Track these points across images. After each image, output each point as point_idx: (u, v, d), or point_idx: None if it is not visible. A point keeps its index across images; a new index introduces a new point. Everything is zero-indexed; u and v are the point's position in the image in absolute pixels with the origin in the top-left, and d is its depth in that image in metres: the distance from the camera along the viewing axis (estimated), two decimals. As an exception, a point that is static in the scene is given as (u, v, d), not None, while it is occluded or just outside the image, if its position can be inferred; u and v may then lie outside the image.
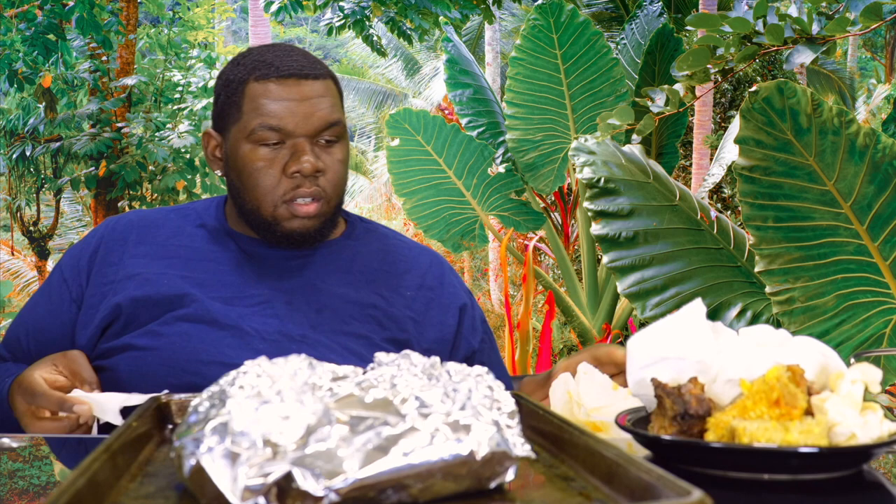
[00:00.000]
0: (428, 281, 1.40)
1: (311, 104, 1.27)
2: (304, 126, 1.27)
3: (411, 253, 1.44)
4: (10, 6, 5.86)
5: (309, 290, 1.31)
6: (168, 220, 1.38)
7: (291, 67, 1.29)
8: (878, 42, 14.40)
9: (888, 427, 0.73)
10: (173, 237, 1.35)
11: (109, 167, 7.59)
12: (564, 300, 5.69)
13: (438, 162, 5.77)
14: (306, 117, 1.27)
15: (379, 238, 1.43)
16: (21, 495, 0.75)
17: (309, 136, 1.27)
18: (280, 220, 1.29)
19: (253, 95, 1.28)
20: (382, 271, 1.38)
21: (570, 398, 1.00)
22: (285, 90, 1.27)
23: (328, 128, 1.28)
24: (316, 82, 1.29)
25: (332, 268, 1.35)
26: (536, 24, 5.35)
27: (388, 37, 11.37)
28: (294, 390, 0.63)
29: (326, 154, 1.29)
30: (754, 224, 2.32)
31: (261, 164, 1.27)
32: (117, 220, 1.40)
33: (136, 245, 1.33)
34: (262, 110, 1.27)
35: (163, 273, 1.29)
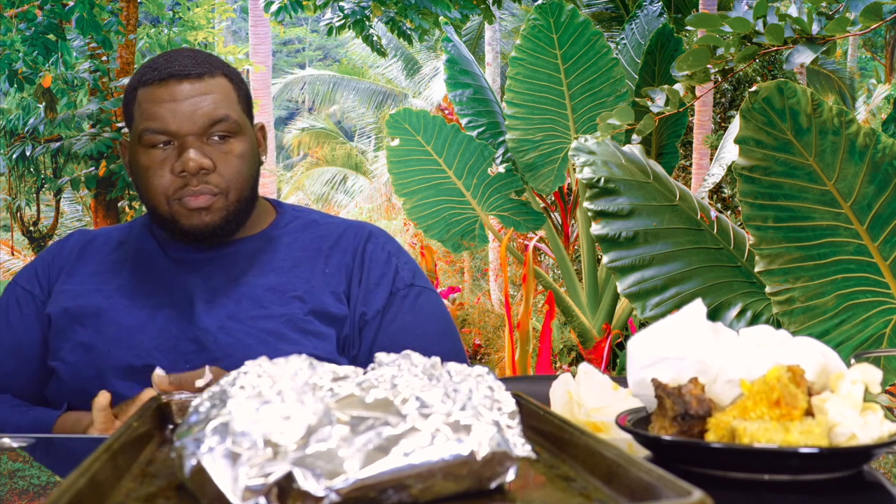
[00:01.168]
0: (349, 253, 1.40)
1: (191, 103, 1.29)
2: (188, 125, 1.28)
3: (336, 231, 1.43)
4: (10, 6, 5.86)
5: (230, 285, 1.34)
6: (108, 238, 1.43)
7: (171, 69, 1.31)
8: (878, 42, 14.40)
9: (888, 427, 0.73)
10: (111, 253, 1.40)
11: (109, 167, 7.59)
12: (564, 300, 5.69)
13: (438, 162, 5.77)
14: (188, 116, 1.28)
15: (306, 224, 1.44)
16: (21, 495, 0.75)
17: (195, 134, 1.29)
18: (178, 218, 1.31)
19: (140, 101, 1.32)
20: (307, 255, 1.39)
21: (570, 398, 1.00)
22: (165, 92, 1.30)
23: (215, 124, 1.30)
24: (198, 81, 1.31)
25: (254, 260, 1.37)
26: (536, 24, 5.35)
27: (388, 37, 11.37)
28: (295, 390, 0.63)
29: (219, 151, 1.30)
30: (754, 224, 2.32)
31: (151, 166, 1.30)
32: (65, 240, 1.46)
33: (75, 263, 1.39)
34: (146, 114, 1.30)
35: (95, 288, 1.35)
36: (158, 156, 1.30)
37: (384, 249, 1.43)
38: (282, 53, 24.42)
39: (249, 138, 1.35)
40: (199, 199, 1.29)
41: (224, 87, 1.33)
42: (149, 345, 1.28)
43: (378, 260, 1.41)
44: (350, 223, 1.47)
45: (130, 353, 1.28)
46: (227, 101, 1.32)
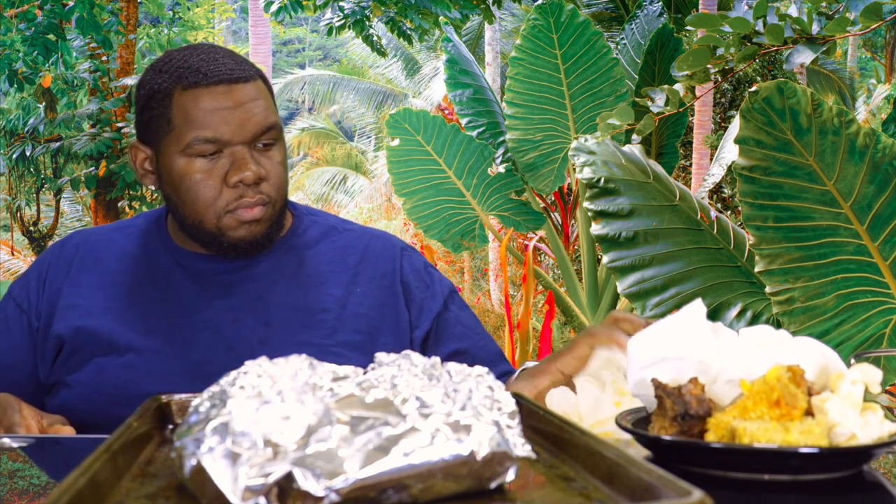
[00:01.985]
0: (380, 270, 1.33)
1: (245, 110, 1.21)
2: (241, 133, 1.20)
3: (361, 241, 1.36)
4: (10, 6, 5.86)
5: (255, 305, 1.26)
6: (111, 243, 1.33)
7: (220, 73, 1.22)
8: (878, 42, 14.40)
9: (888, 427, 0.73)
10: (115, 262, 1.30)
11: (109, 167, 7.59)
12: (564, 300, 5.69)
13: (438, 162, 5.77)
14: (242, 124, 1.20)
15: (326, 231, 1.37)
16: (21, 495, 0.75)
17: (246, 142, 1.21)
18: (226, 231, 1.23)
19: (183, 106, 1.21)
20: (333, 269, 1.32)
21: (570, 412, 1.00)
22: (216, 98, 1.20)
23: (265, 132, 1.23)
24: (247, 85, 1.23)
25: (278, 275, 1.29)
26: (536, 24, 5.35)
27: (388, 37, 11.37)
28: (295, 390, 0.63)
29: (266, 158, 1.23)
30: (754, 224, 2.32)
31: (199, 177, 1.21)
32: (62, 244, 1.36)
33: (78, 272, 1.30)
34: (195, 122, 1.20)
35: (105, 306, 1.26)
36: (205, 166, 1.21)
37: (418, 263, 1.38)
38: (282, 53, 24.42)
39: (284, 144, 1.30)
40: (254, 211, 1.22)
41: (265, 91, 1.26)
42: (169, 371, 1.21)
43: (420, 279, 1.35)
44: (372, 234, 1.40)
45: (149, 380, 1.20)
46: (272, 107, 1.26)
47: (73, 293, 1.27)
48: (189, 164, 1.21)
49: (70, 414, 1.21)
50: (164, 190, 1.27)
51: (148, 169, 1.28)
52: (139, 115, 1.28)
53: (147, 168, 1.28)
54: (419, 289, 1.34)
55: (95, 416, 1.19)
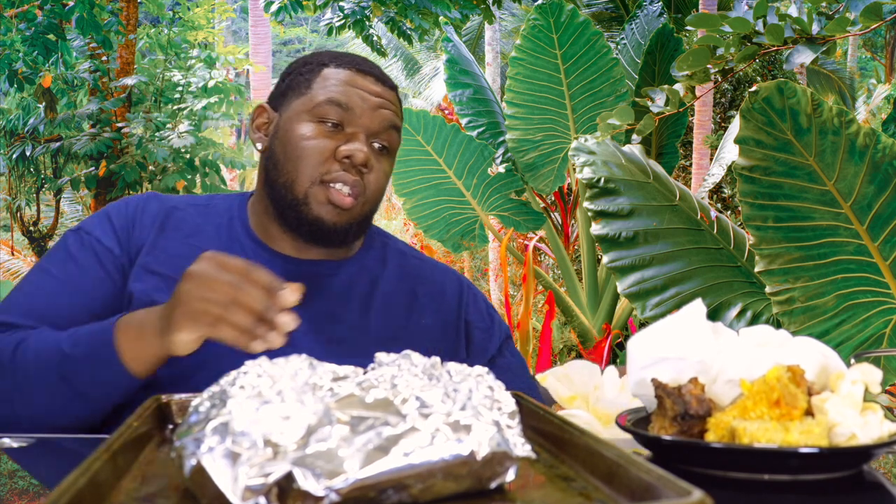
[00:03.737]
0: (445, 305, 1.35)
1: (380, 102, 1.26)
2: (369, 117, 1.24)
3: (430, 273, 1.38)
4: (10, 6, 5.86)
5: (325, 320, 1.24)
6: (188, 215, 1.29)
7: (372, 70, 1.29)
8: (878, 42, 14.40)
9: (888, 427, 0.73)
10: (192, 235, 1.27)
11: (109, 167, 7.59)
12: (564, 300, 5.69)
13: (438, 162, 5.78)
14: (373, 110, 1.25)
15: (397, 256, 1.37)
16: (21, 495, 0.75)
17: (368, 131, 1.24)
18: (311, 201, 1.22)
19: (327, 75, 1.26)
20: (402, 296, 1.32)
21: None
22: (361, 80, 1.26)
23: (387, 130, 1.26)
24: (389, 91, 1.29)
25: (351, 294, 1.28)
26: (536, 24, 5.35)
27: (388, 37, 11.37)
28: (295, 390, 0.63)
29: (377, 162, 1.26)
30: (754, 224, 2.32)
31: (314, 140, 1.22)
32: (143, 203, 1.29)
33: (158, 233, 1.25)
34: (332, 88, 1.25)
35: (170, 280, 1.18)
36: (323, 131, 1.23)
37: (481, 304, 1.40)
38: (282, 53, 24.42)
39: (393, 163, 1.31)
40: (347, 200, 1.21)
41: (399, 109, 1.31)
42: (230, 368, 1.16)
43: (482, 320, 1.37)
44: (440, 267, 1.41)
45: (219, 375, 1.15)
46: (399, 122, 1.30)
47: (149, 254, 1.23)
48: (309, 126, 1.23)
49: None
50: (270, 149, 1.27)
51: (261, 130, 1.30)
52: (279, 83, 1.32)
53: (261, 128, 1.29)
54: (480, 329, 1.36)
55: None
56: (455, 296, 1.36)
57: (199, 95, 8.04)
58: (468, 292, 1.38)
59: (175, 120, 7.83)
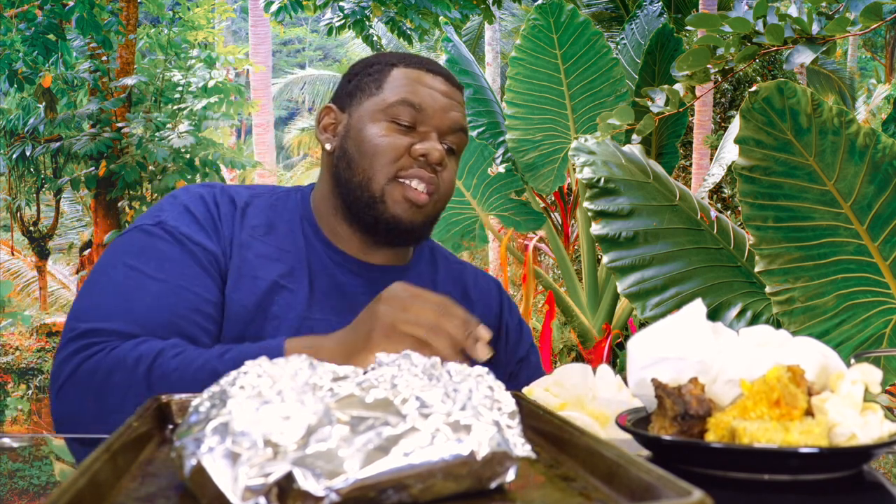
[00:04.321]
0: (486, 309, 1.40)
1: (451, 103, 1.29)
2: (440, 118, 1.26)
3: (471, 277, 1.42)
4: (10, 6, 5.86)
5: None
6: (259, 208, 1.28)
7: (441, 70, 1.31)
8: (878, 42, 14.40)
9: (888, 427, 0.73)
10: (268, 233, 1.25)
11: (109, 167, 7.59)
12: (564, 300, 5.69)
13: (438, 162, 5.77)
14: (444, 111, 1.27)
15: (444, 262, 1.41)
16: (21, 495, 0.75)
17: (440, 130, 1.26)
18: (387, 199, 1.23)
19: (399, 76, 1.27)
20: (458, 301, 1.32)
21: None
22: (433, 81, 1.28)
23: (457, 131, 1.28)
24: (458, 92, 1.32)
25: None
26: (536, 24, 5.35)
27: (388, 37, 11.37)
28: (295, 390, 0.63)
29: (449, 161, 1.28)
30: (754, 224, 2.32)
31: (388, 138, 1.24)
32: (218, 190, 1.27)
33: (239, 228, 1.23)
34: (405, 89, 1.26)
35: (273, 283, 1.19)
36: (396, 130, 1.24)
37: (516, 311, 1.45)
38: (282, 53, 24.41)
39: (458, 164, 1.34)
40: (422, 196, 1.23)
41: (464, 110, 1.33)
42: None
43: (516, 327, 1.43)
44: (477, 271, 1.46)
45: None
46: (466, 122, 1.33)
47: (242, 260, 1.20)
48: (383, 126, 1.24)
49: None
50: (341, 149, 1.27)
51: (329, 130, 1.31)
52: (345, 83, 1.33)
53: (328, 129, 1.31)
54: (514, 332, 1.42)
55: None
56: (496, 299, 1.42)
57: (199, 95, 8.04)
58: (506, 297, 1.45)
59: (175, 120, 7.83)
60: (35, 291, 9.60)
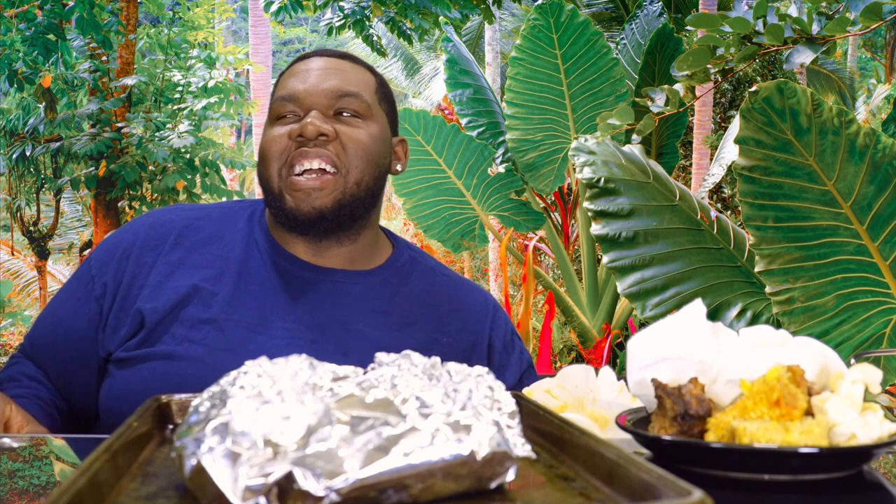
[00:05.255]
0: (470, 325, 1.32)
1: (324, 73, 1.25)
2: (316, 94, 1.23)
3: (457, 292, 1.34)
4: (10, 6, 5.86)
5: (338, 329, 1.22)
6: (209, 222, 1.30)
7: (320, 51, 1.30)
8: (878, 42, 14.40)
9: (888, 427, 0.73)
10: (210, 243, 1.27)
11: (109, 167, 7.59)
12: (564, 300, 5.69)
13: (438, 162, 5.77)
14: (317, 85, 1.23)
15: (424, 273, 1.34)
16: (21, 495, 0.75)
17: (321, 105, 1.23)
18: (285, 194, 1.21)
19: (282, 80, 1.29)
20: (423, 313, 1.28)
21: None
22: (303, 66, 1.27)
23: (343, 97, 1.23)
24: (340, 60, 1.28)
25: (367, 305, 1.25)
26: (536, 24, 5.35)
27: (388, 37, 11.37)
28: (295, 390, 0.63)
29: (346, 126, 1.23)
30: (754, 224, 2.32)
31: (273, 136, 1.24)
32: (155, 218, 1.31)
33: (172, 248, 1.25)
34: (280, 87, 1.27)
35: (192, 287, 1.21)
36: (282, 127, 1.23)
37: (507, 329, 1.37)
38: (282, 53, 24.41)
39: (382, 130, 1.27)
40: (313, 161, 1.19)
41: (364, 76, 1.28)
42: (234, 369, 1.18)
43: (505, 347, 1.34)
44: (469, 287, 1.38)
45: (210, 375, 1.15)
46: (363, 84, 1.26)
47: (163, 271, 1.23)
48: (270, 128, 1.25)
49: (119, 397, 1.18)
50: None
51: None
52: None
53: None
54: (502, 355, 1.34)
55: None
56: (482, 317, 1.34)
57: (199, 95, 8.04)
58: (494, 315, 1.36)
59: (175, 120, 7.83)
60: (35, 291, 9.60)
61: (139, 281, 1.23)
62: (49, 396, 1.25)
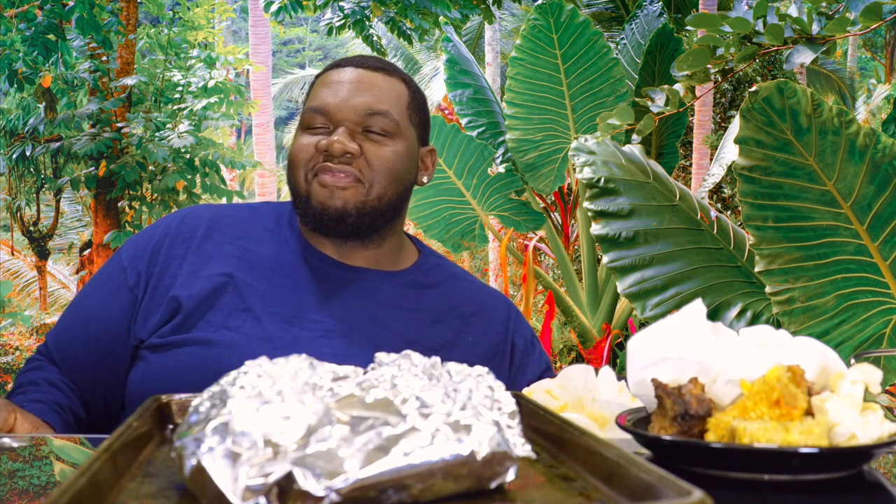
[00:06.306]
0: (493, 327, 1.36)
1: (356, 88, 1.26)
2: (345, 108, 1.25)
3: (479, 296, 1.39)
4: (10, 6, 5.86)
5: (369, 324, 1.26)
6: (239, 219, 1.34)
7: (353, 60, 1.31)
8: (878, 42, 14.40)
9: (888, 427, 0.73)
10: (241, 238, 1.31)
11: (109, 167, 7.59)
12: (564, 300, 5.69)
13: (438, 162, 5.77)
14: (348, 101, 1.25)
15: (448, 277, 1.39)
16: (21, 495, 0.75)
17: (351, 121, 1.25)
18: (311, 195, 1.25)
19: (315, 87, 1.31)
20: (447, 312, 1.33)
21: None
22: (339, 76, 1.28)
23: (372, 115, 1.25)
24: (374, 73, 1.29)
25: (396, 302, 1.30)
26: (536, 24, 5.35)
27: (388, 37, 11.37)
28: (295, 390, 0.63)
29: (372, 145, 1.26)
30: (754, 224, 2.32)
31: (302, 144, 1.27)
32: (188, 212, 1.35)
33: (203, 240, 1.29)
34: (312, 96, 1.29)
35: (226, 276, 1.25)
36: (311, 136, 1.27)
37: (528, 332, 1.41)
38: (282, 53, 24.40)
39: (409, 147, 1.30)
40: (336, 178, 1.23)
41: (397, 89, 1.30)
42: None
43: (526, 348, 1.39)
44: (491, 292, 1.43)
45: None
46: (393, 101, 1.28)
47: (195, 261, 1.27)
48: (300, 136, 1.28)
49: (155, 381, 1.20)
50: None
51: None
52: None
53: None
54: (523, 355, 1.38)
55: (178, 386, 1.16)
56: (503, 320, 1.38)
57: (199, 95, 8.04)
58: (516, 318, 1.41)
59: (175, 120, 7.83)
60: (35, 291, 9.60)
61: (171, 270, 1.27)
62: (68, 403, 1.26)
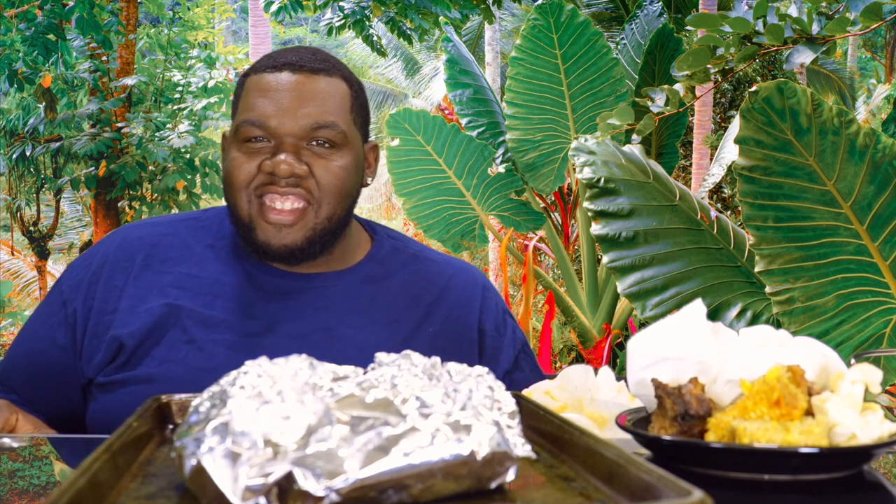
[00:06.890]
0: (457, 310, 1.27)
1: (300, 98, 1.15)
2: (289, 123, 1.14)
3: (442, 275, 1.29)
4: (10, 6, 5.86)
5: (322, 338, 1.19)
6: (177, 239, 1.25)
7: (290, 60, 1.18)
8: (878, 42, 14.40)
9: (888, 427, 0.73)
10: (181, 263, 1.22)
11: (109, 167, 7.59)
12: (564, 300, 5.69)
13: (438, 162, 5.77)
14: (292, 112, 1.14)
15: (407, 260, 1.29)
16: (21, 495, 0.75)
17: (296, 136, 1.14)
18: (255, 225, 1.16)
19: (248, 90, 1.18)
20: (407, 304, 1.25)
21: None
22: (275, 81, 1.16)
23: (319, 129, 1.15)
24: (315, 77, 1.17)
25: (351, 307, 1.22)
26: (536, 24, 5.35)
27: (388, 37, 11.36)
28: (295, 390, 0.63)
29: (319, 159, 1.16)
30: (754, 224, 2.32)
31: (239, 159, 1.16)
32: (123, 237, 1.26)
33: (141, 269, 1.21)
34: (247, 105, 1.17)
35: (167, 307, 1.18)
36: (250, 149, 1.15)
37: (498, 308, 1.31)
38: (282, 53, 24.35)
39: (356, 154, 1.20)
40: (285, 201, 1.14)
41: (340, 91, 1.18)
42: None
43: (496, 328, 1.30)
44: (456, 267, 1.32)
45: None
46: (338, 108, 1.17)
47: (135, 294, 1.20)
48: (237, 148, 1.17)
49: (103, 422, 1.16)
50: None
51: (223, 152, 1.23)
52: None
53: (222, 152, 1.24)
54: (494, 338, 1.29)
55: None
56: (472, 300, 1.29)
57: (199, 95, 8.04)
58: (486, 295, 1.31)
59: (175, 120, 7.83)
60: (35, 291, 9.60)
61: (110, 305, 1.20)
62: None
